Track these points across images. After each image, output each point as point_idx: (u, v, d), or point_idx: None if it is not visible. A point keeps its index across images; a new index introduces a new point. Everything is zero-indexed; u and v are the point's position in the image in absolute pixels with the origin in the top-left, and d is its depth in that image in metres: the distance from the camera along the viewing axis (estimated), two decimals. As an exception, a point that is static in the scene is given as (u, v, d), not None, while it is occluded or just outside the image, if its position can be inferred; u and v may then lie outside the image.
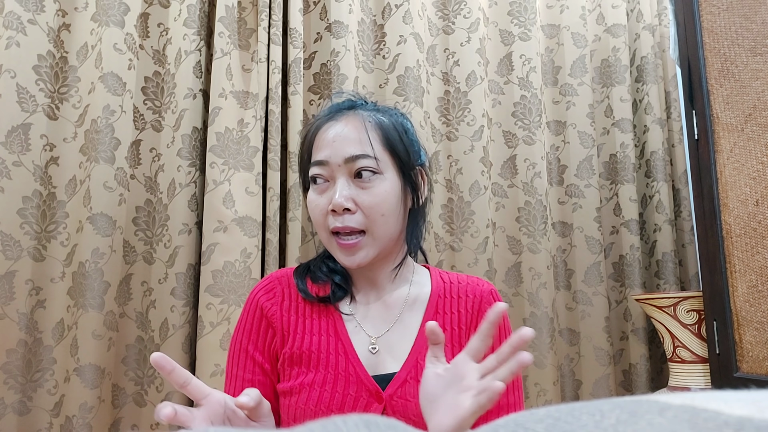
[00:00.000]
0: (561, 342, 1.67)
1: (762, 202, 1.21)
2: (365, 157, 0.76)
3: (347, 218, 0.75)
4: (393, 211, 0.78)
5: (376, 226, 0.76)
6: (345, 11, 1.47)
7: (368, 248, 0.77)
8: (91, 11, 1.27)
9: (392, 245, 0.81)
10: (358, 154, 0.76)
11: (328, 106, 0.84)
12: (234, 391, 0.78)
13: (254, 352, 0.80)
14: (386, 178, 0.77)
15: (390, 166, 0.78)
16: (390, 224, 0.78)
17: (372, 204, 0.75)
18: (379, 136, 0.78)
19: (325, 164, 0.77)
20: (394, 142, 0.79)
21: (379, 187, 0.76)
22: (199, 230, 1.33)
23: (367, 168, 0.76)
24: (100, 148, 1.23)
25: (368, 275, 0.83)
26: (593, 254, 1.69)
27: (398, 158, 0.79)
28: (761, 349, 1.19)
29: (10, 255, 1.15)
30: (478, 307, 0.84)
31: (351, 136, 0.77)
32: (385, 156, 0.78)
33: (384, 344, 0.80)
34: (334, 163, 0.76)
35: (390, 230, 0.78)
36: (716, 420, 0.17)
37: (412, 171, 0.81)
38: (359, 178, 0.76)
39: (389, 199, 0.77)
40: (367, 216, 0.75)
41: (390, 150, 0.78)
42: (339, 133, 0.77)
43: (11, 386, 1.13)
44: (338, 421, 0.19)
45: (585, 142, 1.74)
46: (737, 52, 1.27)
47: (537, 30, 1.72)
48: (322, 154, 0.77)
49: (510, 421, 0.19)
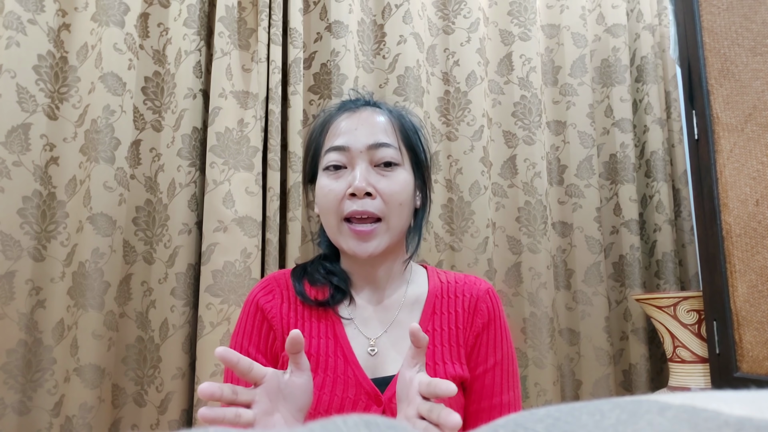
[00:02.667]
0: (561, 342, 1.67)
1: (762, 202, 1.21)
2: (389, 146, 0.76)
3: (367, 203, 0.74)
4: (408, 203, 0.78)
5: (393, 214, 0.76)
6: (345, 11, 1.47)
7: (381, 237, 0.76)
8: (91, 11, 1.27)
9: (398, 241, 0.81)
10: (383, 141, 0.76)
11: (338, 102, 0.85)
12: None
13: (256, 354, 0.80)
14: (405, 170, 0.78)
15: (407, 160, 0.80)
16: (404, 216, 0.78)
17: (392, 192, 0.75)
18: (400, 130, 0.80)
19: (344, 150, 0.76)
20: (412, 139, 0.81)
21: (399, 176, 0.77)
22: (199, 230, 1.33)
23: (391, 159, 0.76)
24: (100, 148, 1.23)
25: (369, 272, 0.83)
26: (593, 254, 1.69)
27: (414, 155, 0.80)
28: (761, 349, 1.19)
29: (10, 255, 1.15)
30: (475, 306, 0.83)
31: (375, 125, 0.77)
32: (404, 150, 0.79)
33: (382, 346, 0.80)
34: (355, 149, 0.76)
35: (403, 222, 0.78)
36: (716, 420, 0.17)
37: (424, 170, 0.82)
38: (380, 167, 0.76)
39: (407, 190, 0.78)
40: (386, 203, 0.75)
41: (407, 145, 0.80)
42: (362, 121, 0.78)
43: (11, 386, 1.13)
44: (338, 421, 0.19)
45: (585, 142, 1.74)
46: (737, 52, 1.27)
47: (537, 30, 1.72)
48: (341, 140, 0.77)
49: (510, 421, 0.19)
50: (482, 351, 0.82)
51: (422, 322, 0.81)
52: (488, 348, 0.82)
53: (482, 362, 0.81)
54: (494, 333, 0.83)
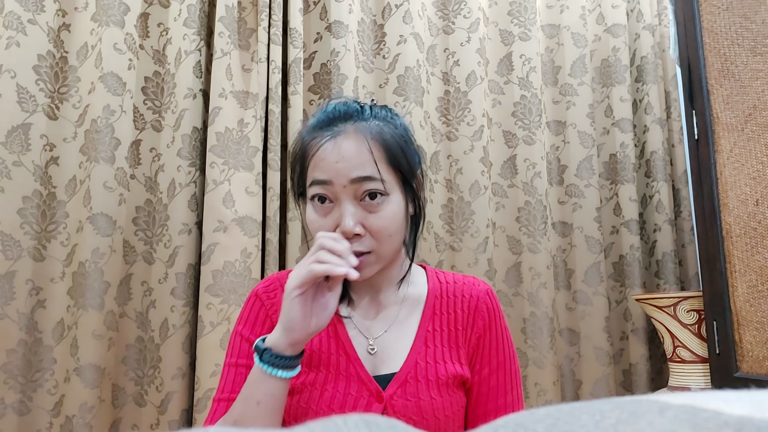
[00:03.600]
0: (561, 342, 1.67)
1: (762, 202, 1.21)
2: (372, 179, 0.73)
3: (355, 243, 0.74)
4: (400, 230, 0.77)
5: (383, 247, 0.75)
6: (345, 11, 1.47)
7: (373, 266, 0.76)
8: (91, 11, 1.27)
9: (395, 256, 0.81)
10: (365, 175, 0.73)
11: (322, 111, 0.81)
12: (234, 381, 0.78)
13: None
14: (392, 200, 0.75)
15: (395, 184, 0.76)
16: (396, 242, 0.77)
17: (381, 227, 0.74)
18: (384, 155, 0.76)
19: (328, 184, 0.74)
20: (398, 158, 0.77)
21: (387, 209, 0.75)
22: (199, 230, 1.33)
23: (374, 191, 0.74)
24: (100, 148, 1.23)
25: (366, 280, 0.83)
26: (593, 254, 1.69)
27: (401, 173, 0.78)
28: (761, 349, 1.19)
29: (10, 255, 1.15)
30: (474, 307, 0.84)
31: (355, 157, 0.74)
32: (389, 175, 0.76)
33: (382, 345, 0.80)
34: (338, 183, 0.74)
35: (395, 247, 0.78)
36: (716, 420, 0.17)
37: (414, 181, 0.80)
38: (365, 200, 0.74)
39: (397, 219, 0.76)
40: (375, 239, 0.74)
41: (394, 167, 0.76)
42: (342, 154, 0.74)
43: (11, 386, 1.13)
44: (339, 420, 0.19)
45: (585, 142, 1.74)
46: (737, 52, 1.27)
47: (537, 30, 1.72)
48: (324, 174, 0.75)
49: (510, 421, 0.19)
50: (485, 353, 0.82)
51: (423, 322, 0.82)
52: (491, 350, 0.82)
53: (486, 364, 0.82)
54: (495, 334, 0.83)
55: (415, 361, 0.78)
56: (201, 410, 1.22)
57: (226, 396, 0.76)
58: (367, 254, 0.75)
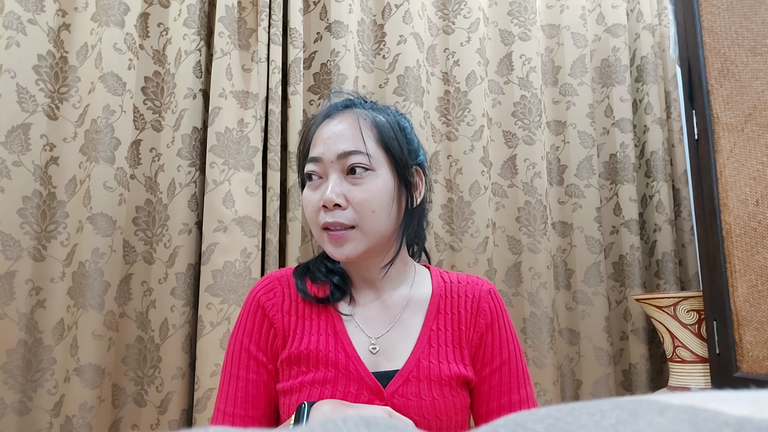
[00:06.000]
0: (561, 342, 1.67)
1: (762, 202, 1.21)
2: (357, 153, 0.76)
3: (337, 214, 0.75)
4: (385, 207, 0.77)
5: (366, 222, 0.76)
6: (345, 11, 1.47)
7: (356, 242, 0.76)
8: (91, 11, 1.27)
9: (384, 243, 0.80)
10: (350, 150, 0.76)
11: (326, 105, 0.85)
12: (235, 391, 0.78)
13: (257, 352, 0.80)
14: (379, 175, 0.77)
15: (384, 163, 0.78)
16: (381, 221, 0.77)
17: (362, 200, 0.75)
18: (374, 133, 0.79)
19: (318, 161, 0.77)
20: (389, 140, 0.79)
21: (371, 183, 0.76)
22: (199, 230, 1.33)
23: (359, 164, 0.76)
24: (100, 148, 1.23)
25: (364, 275, 0.84)
26: (593, 254, 1.69)
27: (393, 156, 0.79)
28: (761, 349, 1.19)
29: (10, 255, 1.15)
30: (477, 306, 0.84)
31: (344, 133, 0.77)
32: (378, 153, 0.78)
33: (384, 345, 0.80)
34: (327, 159, 0.77)
35: (381, 227, 0.78)
36: (716, 420, 0.17)
37: (407, 170, 0.81)
38: (352, 174, 0.76)
39: (381, 196, 0.77)
40: (357, 212, 0.76)
41: (384, 147, 0.78)
42: (333, 131, 0.78)
43: (11, 386, 1.13)
44: (338, 420, 0.19)
45: (585, 142, 1.74)
46: (737, 52, 1.27)
47: (537, 30, 1.72)
48: (316, 150, 0.78)
49: (510, 421, 0.19)
50: (487, 352, 0.82)
51: (426, 321, 0.82)
52: (493, 348, 0.82)
53: (488, 363, 0.82)
54: (498, 333, 0.83)
55: (417, 359, 0.78)
56: (201, 410, 1.22)
57: (230, 410, 0.77)
58: (350, 228, 0.76)
